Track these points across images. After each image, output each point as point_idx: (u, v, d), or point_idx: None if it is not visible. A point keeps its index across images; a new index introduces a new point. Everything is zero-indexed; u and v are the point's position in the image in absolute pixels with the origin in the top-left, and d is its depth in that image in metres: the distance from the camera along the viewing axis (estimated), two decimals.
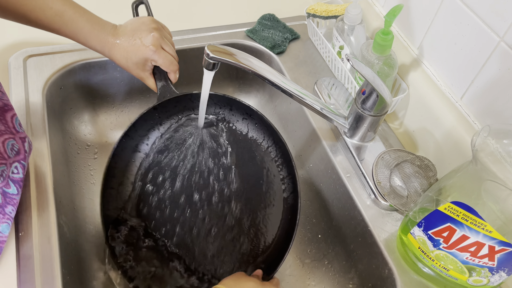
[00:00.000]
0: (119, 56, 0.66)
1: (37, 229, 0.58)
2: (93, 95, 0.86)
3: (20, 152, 0.58)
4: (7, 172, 0.55)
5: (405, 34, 0.77)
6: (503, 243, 0.49)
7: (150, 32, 0.66)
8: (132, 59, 0.66)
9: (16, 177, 0.57)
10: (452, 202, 0.50)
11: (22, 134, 0.59)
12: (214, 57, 0.59)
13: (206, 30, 0.90)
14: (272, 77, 0.62)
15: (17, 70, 0.77)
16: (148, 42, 0.65)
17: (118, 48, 0.65)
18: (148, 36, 0.65)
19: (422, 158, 0.68)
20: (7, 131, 0.56)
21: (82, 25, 0.64)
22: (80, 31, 0.64)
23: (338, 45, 0.79)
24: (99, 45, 0.66)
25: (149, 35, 0.65)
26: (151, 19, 0.68)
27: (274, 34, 0.90)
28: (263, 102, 0.95)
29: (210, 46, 0.60)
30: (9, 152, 0.56)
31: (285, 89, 0.63)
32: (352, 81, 0.78)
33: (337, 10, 0.82)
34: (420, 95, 0.72)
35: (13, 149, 0.57)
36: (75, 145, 0.82)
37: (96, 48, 0.66)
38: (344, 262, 0.73)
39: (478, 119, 0.64)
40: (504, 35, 0.57)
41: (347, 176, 0.70)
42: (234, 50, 0.61)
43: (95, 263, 0.69)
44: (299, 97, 0.64)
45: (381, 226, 0.65)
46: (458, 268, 0.54)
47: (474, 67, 0.63)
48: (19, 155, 0.58)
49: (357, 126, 0.70)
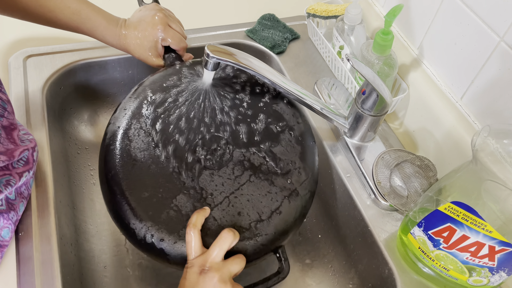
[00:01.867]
0: (133, 46, 0.68)
1: (37, 229, 0.58)
2: (93, 95, 0.86)
3: (29, 162, 0.58)
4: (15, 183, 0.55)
5: (405, 34, 0.77)
6: (503, 243, 0.49)
7: (155, 15, 0.68)
8: (145, 45, 0.68)
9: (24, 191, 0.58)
10: (452, 202, 0.50)
11: (31, 144, 0.59)
12: (214, 57, 0.59)
13: (206, 30, 0.90)
14: (272, 77, 0.62)
15: (17, 70, 0.77)
16: (154, 23, 0.67)
17: (130, 38, 0.68)
18: (153, 18, 0.68)
19: (422, 158, 0.68)
20: (17, 149, 0.56)
21: (99, 22, 0.67)
22: (97, 28, 0.67)
23: (338, 45, 0.79)
24: (115, 39, 0.68)
25: (154, 17, 0.68)
26: (153, 4, 0.72)
27: (274, 34, 0.90)
28: None
29: (210, 46, 0.60)
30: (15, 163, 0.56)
31: (285, 89, 0.63)
32: (352, 81, 0.78)
33: (337, 10, 0.82)
34: (420, 95, 0.72)
35: (21, 160, 0.57)
36: (75, 145, 0.82)
37: (113, 43, 0.69)
38: (344, 262, 0.73)
39: (478, 119, 0.64)
40: (504, 35, 0.57)
41: (347, 176, 0.70)
42: (234, 50, 0.61)
43: (95, 263, 0.69)
44: (299, 97, 0.64)
45: (381, 226, 0.65)
46: (458, 268, 0.54)
47: (474, 67, 0.63)
48: (28, 165, 0.58)
49: (357, 126, 0.70)
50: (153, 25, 0.68)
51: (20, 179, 0.55)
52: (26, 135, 0.61)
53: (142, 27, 0.68)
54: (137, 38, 0.68)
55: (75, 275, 0.62)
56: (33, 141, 0.60)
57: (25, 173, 0.57)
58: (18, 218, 0.57)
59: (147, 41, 0.68)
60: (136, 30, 0.68)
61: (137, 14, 0.70)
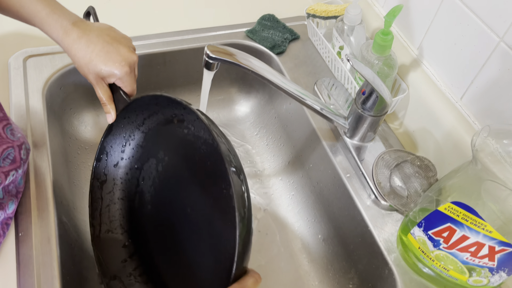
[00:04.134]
0: (82, 54, 0.58)
1: (37, 229, 0.58)
2: (93, 95, 0.85)
3: (16, 160, 0.57)
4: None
5: (405, 34, 0.77)
6: (503, 243, 0.49)
7: (131, 52, 0.60)
8: (98, 66, 0.58)
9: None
10: (452, 202, 0.50)
11: (17, 142, 0.58)
12: (214, 57, 0.59)
13: (206, 30, 0.90)
14: (272, 77, 0.62)
15: (17, 70, 0.77)
16: (125, 60, 0.59)
17: (84, 45, 0.58)
18: (127, 54, 0.59)
19: (422, 158, 0.68)
20: (3, 141, 0.55)
21: (40, 8, 0.58)
22: (37, 14, 0.58)
23: (338, 46, 0.79)
24: (59, 32, 0.58)
25: (129, 54, 0.60)
26: (130, 38, 0.64)
27: (274, 35, 0.90)
28: (263, 103, 0.95)
29: (210, 46, 0.59)
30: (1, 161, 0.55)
31: (285, 89, 0.63)
32: (352, 81, 0.78)
33: (337, 10, 0.82)
34: (420, 95, 0.72)
35: (8, 158, 0.56)
36: (75, 145, 0.82)
37: (53, 35, 0.59)
38: (344, 262, 0.73)
39: (478, 119, 0.64)
40: (504, 35, 0.57)
41: (347, 176, 0.71)
42: (234, 50, 0.61)
43: (95, 264, 0.69)
44: (299, 97, 0.64)
45: (381, 226, 0.65)
46: (458, 268, 0.54)
47: (474, 67, 0.63)
48: (15, 163, 0.57)
49: (357, 126, 0.70)
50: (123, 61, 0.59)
51: (7, 178, 0.54)
52: (16, 132, 0.59)
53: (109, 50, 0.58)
54: (93, 53, 0.58)
55: (75, 275, 0.62)
56: (22, 139, 0.59)
57: (12, 171, 0.55)
58: (7, 216, 0.56)
59: (104, 65, 0.58)
60: (100, 45, 0.58)
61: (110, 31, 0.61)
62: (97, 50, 0.58)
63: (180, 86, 0.93)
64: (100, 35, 0.59)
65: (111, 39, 0.60)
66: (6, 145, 0.55)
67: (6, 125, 0.57)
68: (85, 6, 0.68)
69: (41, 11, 0.58)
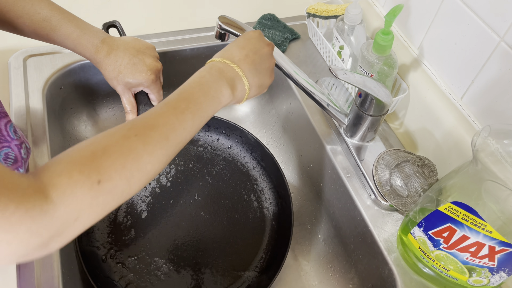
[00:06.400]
0: (112, 68, 0.63)
1: None
2: (93, 95, 0.86)
3: (17, 159, 0.57)
4: None
5: (405, 34, 0.77)
6: (503, 243, 0.49)
7: (155, 61, 0.65)
8: (126, 77, 0.63)
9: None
10: (452, 202, 0.50)
11: (17, 141, 0.58)
12: (225, 29, 0.62)
13: (206, 30, 0.90)
14: (279, 59, 0.62)
15: (17, 70, 0.77)
16: (151, 70, 0.64)
17: (113, 60, 0.62)
18: (153, 63, 0.64)
19: (423, 158, 0.68)
20: (1, 139, 0.55)
21: (71, 30, 0.61)
22: (69, 36, 0.61)
23: (338, 45, 0.79)
24: (91, 51, 0.63)
25: (154, 63, 0.65)
26: (153, 46, 0.68)
27: (274, 34, 0.90)
28: (263, 102, 0.95)
29: (222, 17, 0.63)
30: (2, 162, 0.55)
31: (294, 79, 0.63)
32: None
33: (337, 10, 0.82)
34: (420, 95, 0.72)
35: (9, 158, 0.56)
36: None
37: (86, 54, 0.63)
38: (344, 262, 0.73)
39: (479, 119, 0.64)
40: (504, 35, 0.57)
41: (347, 176, 0.70)
42: (245, 24, 0.63)
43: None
44: (307, 89, 0.65)
45: (381, 226, 0.65)
46: (458, 268, 0.54)
47: (474, 67, 0.63)
48: (16, 163, 0.57)
49: (357, 126, 0.70)
50: (148, 71, 0.64)
51: None
52: (17, 130, 0.59)
53: (135, 61, 0.63)
54: (121, 66, 0.62)
55: (75, 275, 0.62)
56: (21, 139, 0.59)
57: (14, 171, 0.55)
58: None
59: (132, 77, 0.63)
60: (127, 58, 0.63)
61: (135, 43, 0.65)
62: (125, 63, 0.63)
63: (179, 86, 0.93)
64: (126, 49, 0.63)
65: (136, 52, 0.64)
66: (7, 143, 0.55)
67: (8, 123, 0.57)
68: (87, 6, 0.68)
69: (72, 33, 0.61)
